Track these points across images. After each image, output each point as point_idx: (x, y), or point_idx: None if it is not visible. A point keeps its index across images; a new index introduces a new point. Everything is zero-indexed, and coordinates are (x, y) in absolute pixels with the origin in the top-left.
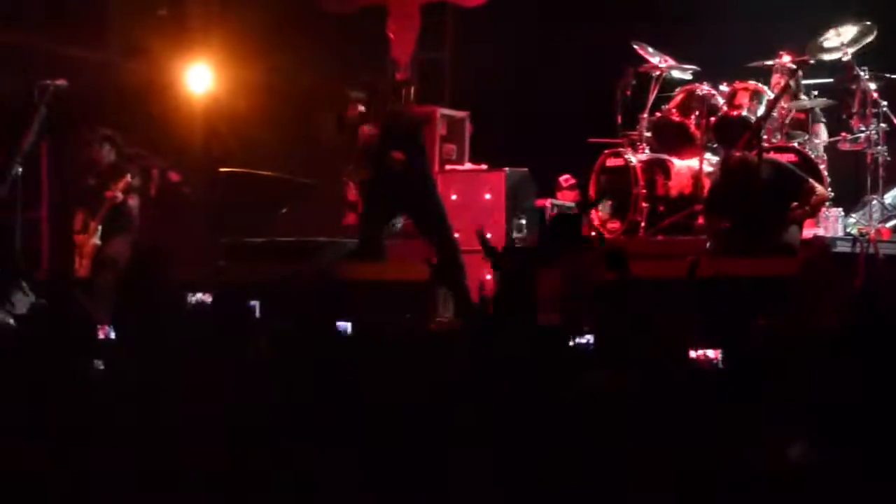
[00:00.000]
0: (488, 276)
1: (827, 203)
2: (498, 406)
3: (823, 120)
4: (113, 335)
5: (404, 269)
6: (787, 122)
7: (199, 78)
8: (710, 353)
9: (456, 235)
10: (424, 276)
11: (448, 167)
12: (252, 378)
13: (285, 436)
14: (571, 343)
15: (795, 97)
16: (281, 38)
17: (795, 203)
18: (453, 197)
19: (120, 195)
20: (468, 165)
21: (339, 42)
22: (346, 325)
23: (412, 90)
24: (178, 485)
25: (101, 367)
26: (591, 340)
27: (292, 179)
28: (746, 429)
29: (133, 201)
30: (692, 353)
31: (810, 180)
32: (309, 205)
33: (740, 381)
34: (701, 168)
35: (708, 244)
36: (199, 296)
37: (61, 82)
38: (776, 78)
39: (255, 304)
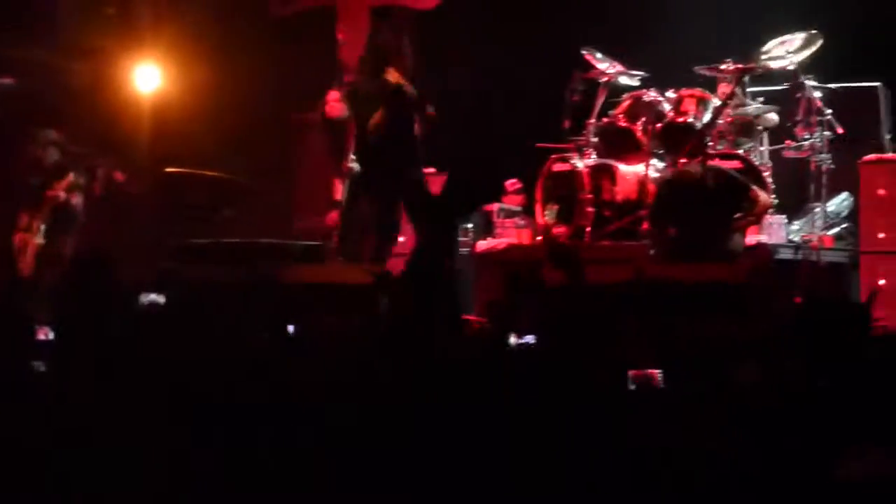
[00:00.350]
0: None
1: (770, 210)
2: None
3: (769, 127)
4: (52, 336)
5: (349, 273)
6: (732, 128)
7: (147, 77)
8: (651, 371)
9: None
10: (368, 280)
11: None
12: (200, 379)
13: (230, 439)
14: (509, 344)
15: (741, 105)
16: (229, 39)
17: (739, 213)
18: None
19: (62, 194)
20: None
21: (288, 43)
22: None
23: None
24: (120, 486)
25: (41, 369)
26: (533, 341)
27: (238, 181)
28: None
29: (76, 200)
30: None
31: (754, 187)
32: (255, 207)
33: (680, 396)
34: (647, 174)
35: (652, 250)
36: (152, 296)
37: (7, 81)
38: (722, 86)
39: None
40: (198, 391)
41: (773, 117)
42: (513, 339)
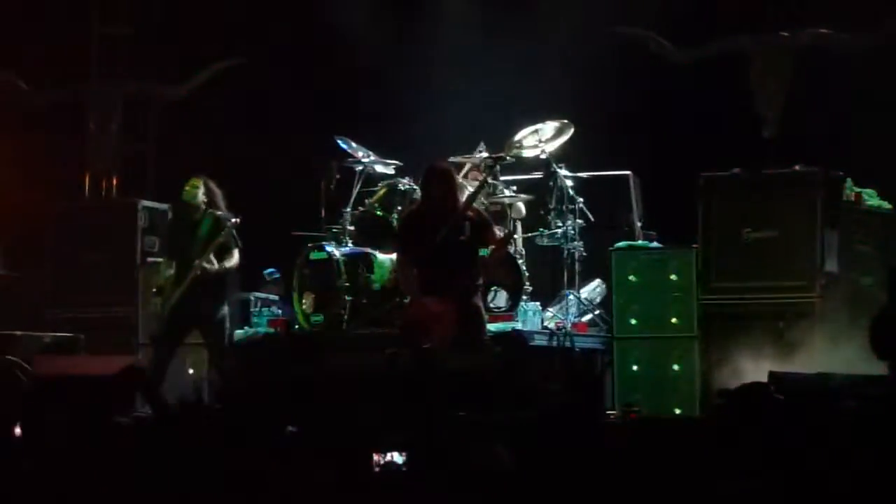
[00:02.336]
0: None
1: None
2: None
3: (520, 217)
4: None
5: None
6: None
7: None
8: (396, 456)
9: None
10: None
11: (151, 260)
12: None
13: None
14: None
15: (493, 192)
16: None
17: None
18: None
19: None
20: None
21: (39, 132)
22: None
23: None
24: None
25: None
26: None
27: None
28: None
29: None
30: (377, 457)
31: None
32: (7, 296)
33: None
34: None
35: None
36: None
37: None
38: (474, 173)
39: None
40: None
41: (521, 209)
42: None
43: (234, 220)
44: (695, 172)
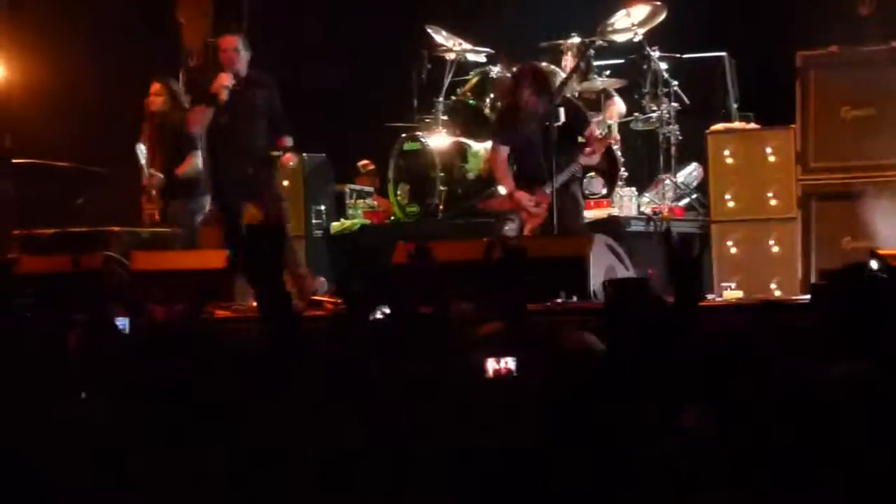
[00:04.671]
0: None
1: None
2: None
3: (616, 99)
4: None
5: (200, 258)
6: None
7: None
8: (510, 361)
9: None
10: (220, 264)
11: None
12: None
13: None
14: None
15: (587, 78)
16: (73, 26)
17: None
18: None
19: None
20: None
21: (133, 28)
22: (123, 322)
23: None
24: None
25: None
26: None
27: (86, 168)
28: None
29: None
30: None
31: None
32: (103, 194)
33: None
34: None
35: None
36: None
37: None
38: (567, 59)
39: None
40: None
41: (621, 108)
42: (373, 317)
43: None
44: (791, 51)
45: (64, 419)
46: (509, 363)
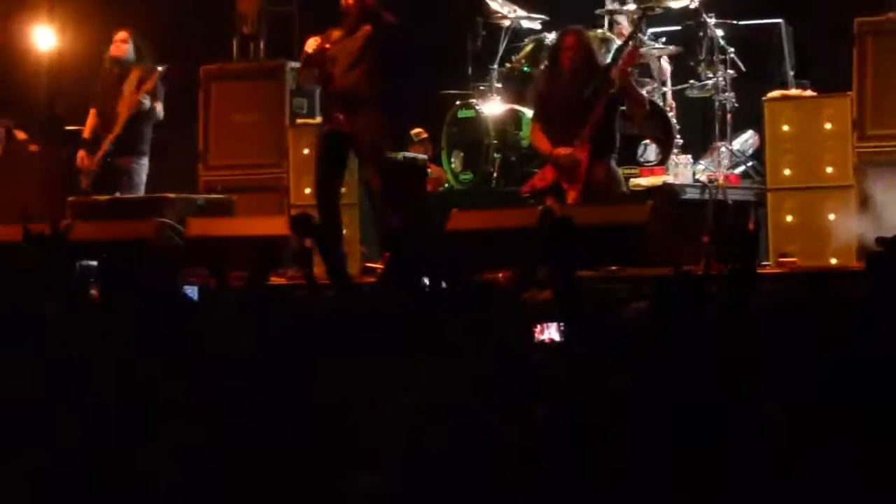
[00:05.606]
0: None
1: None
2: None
3: (671, 67)
4: None
5: (262, 224)
6: (634, 69)
7: (43, 37)
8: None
9: None
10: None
11: (299, 121)
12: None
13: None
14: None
15: (642, 44)
16: None
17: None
18: (305, 151)
19: None
20: (319, 119)
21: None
22: (192, 290)
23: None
24: None
25: None
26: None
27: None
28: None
29: None
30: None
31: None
32: (157, 161)
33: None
34: None
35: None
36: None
37: None
38: (622, 27)
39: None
40: None
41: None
42: (425, 282)
43: (160, 69)
44: (848, 18)
45: None
46: (552, 332)
